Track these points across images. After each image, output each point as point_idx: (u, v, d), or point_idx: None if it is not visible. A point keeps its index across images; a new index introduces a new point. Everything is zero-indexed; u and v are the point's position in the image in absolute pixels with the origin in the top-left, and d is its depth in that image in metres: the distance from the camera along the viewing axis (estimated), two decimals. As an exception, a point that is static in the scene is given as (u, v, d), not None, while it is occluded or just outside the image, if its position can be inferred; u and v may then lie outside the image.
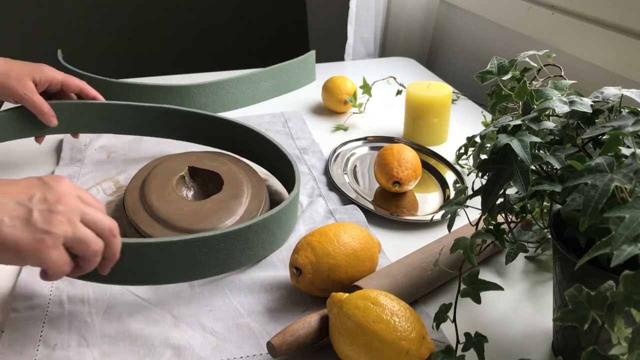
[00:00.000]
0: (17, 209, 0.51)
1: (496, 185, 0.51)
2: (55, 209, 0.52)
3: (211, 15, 2.56)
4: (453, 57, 1.46)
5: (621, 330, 0.39)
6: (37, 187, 0.53)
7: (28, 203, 0.51)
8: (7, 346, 0.58)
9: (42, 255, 0.51)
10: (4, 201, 0.51)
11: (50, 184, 0.54)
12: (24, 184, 0.53)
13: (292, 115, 1.10)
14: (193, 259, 0.63)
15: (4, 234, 0.49)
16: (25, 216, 0.51)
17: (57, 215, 0.52)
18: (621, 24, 0.90)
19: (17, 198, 0.51)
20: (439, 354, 0.52)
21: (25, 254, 0.50)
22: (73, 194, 0.55)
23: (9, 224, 0.50)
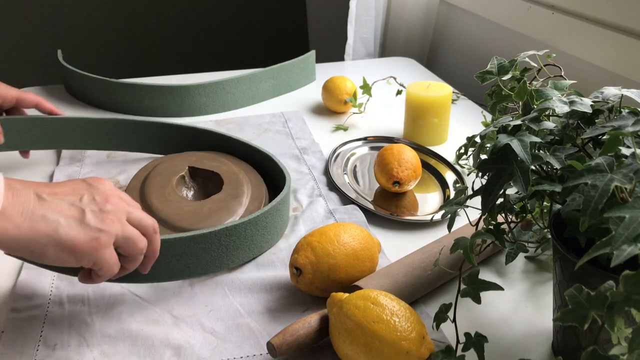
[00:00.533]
0: (70, 209, 0.52)
1: (496, 185, 0.51)
2: (105, 208, 0.53)
3: (211, 15, 2.56)
4: (453, 57, 1.46)
5: (621, 330, 0.39)
6: (83, 189, 0.54)
7: (79, 204, 0.53)
8: (7, 346, 0.58)
9: (98, 254, 0.52)
10: (56, 202, 0.51)
11: (94, 185, 0.55)
12: (70, 186, 0.54)
13: (292, 115, 1.10)
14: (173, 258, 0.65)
15: (60, 234, 0.50)
16: (79, 216, 0.52)
17: (108, 215, 0.53)
18: (621, 24, 0.90)
19: (68, 199, 0.52)
20: (439, 354, 0.52)
21: (81, 253, 0.51)
22: (116, 194, 0.56)
23: (65, 224, 0.51)
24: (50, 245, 0.50)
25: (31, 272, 0.68)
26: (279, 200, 0.72)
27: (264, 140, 1.00)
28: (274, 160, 0.81)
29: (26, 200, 0.50)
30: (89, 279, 0.56)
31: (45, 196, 0.52)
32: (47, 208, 0.51)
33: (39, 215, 0.50)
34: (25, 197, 0.50)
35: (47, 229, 0.50)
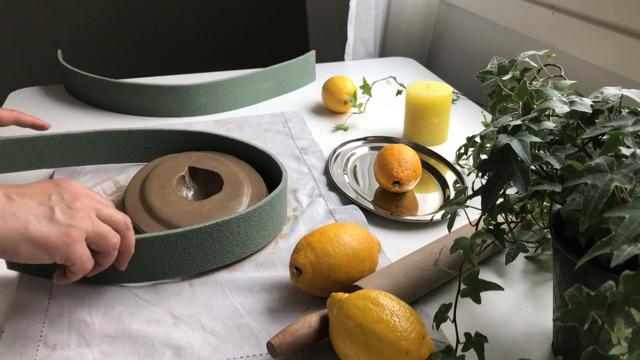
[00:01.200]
0: (39, 207, 0.53)
1: (496, 185, 0.51)
2: (74, 206, 0.55)
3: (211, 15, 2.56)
4: (453, 57, 1.46)
5: (621, 330, 0.39)
6: (51, 189, 0.56)
7: (48, 202, 0.54)
8: (7, 346, 0.58)
9: (69, 249, 0.54)
10: (25, 201, 0.53)
11: (62, 185, 0.57)
12: (38, 187, 0.56)
13: (292, 115, 1.10)
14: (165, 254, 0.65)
15: (30, 231, 0.52)
16: (49, 214, 0.53)
17: (77, 212, 0.55)
18: (621, 24, 0.90)
19: (36, 198, 0.54)
20: (439, 354, 0.52)
21: (53, 249, 0.53)
22: (84, 193, 0.58)
23: (35, 221, 0.52)
24: (23, 242, 0.52)
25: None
26: (273, 196, 0.72)
27: (264, 140, 1.00)
28: (273, 159, 0.82)
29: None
30: (63, 278, 0.57)
31: (15, 196, 0.53)
32: (16, 207, 0.52)
33: (9, 214, 0.52)
34: None
35: (18, 226, 0.51)
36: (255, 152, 0.85)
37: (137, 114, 1.11)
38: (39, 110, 1.14)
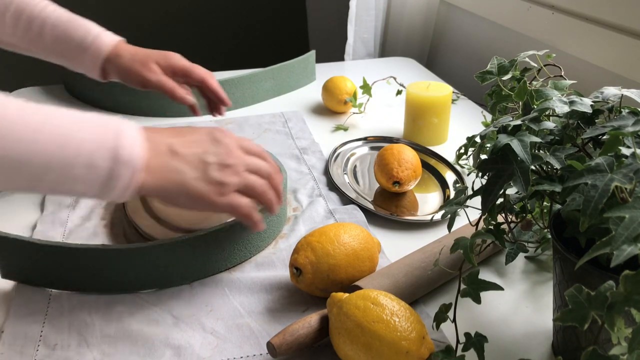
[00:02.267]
0: (196, 161, 0.58)
1: (496, 185, 0.51)
2: (226, 162, 0.59)
3: (211, 15, 2.56)
4: (453, 57, 1.46)
5: (621, 330, 0.39)
6: (208, 142, 0.60)
7: (204, 156, 0.58)
8: (7, 346, 0.58)
9: (219, 202, 0.59)
10: (185, 155, 0.58)
11: (218, 138, 0.61)
12: (197, 137, 0.60)
13: (292, 115, 1.10)
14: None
15: (187, 186, 0.57)
16: (204, 170, 0.58)
17: (228, 168, 0.59)
18: (621, 24, 0.90)
19: (195, 152, 0.58)
20: (439, 354, 0.52)
21: (208, 202, 0.58)
22: (237, 145, 0.61)
23: (191, 176, 0.57)
24: (181, 194, 0.57)
25: (31, 272, 0.68)
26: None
27: (264, 140, 1.00)
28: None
29: (162, 152, 0.56)
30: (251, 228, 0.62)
31: (178, 148, 0.58)
32: (178, 161, 0.57)
33: (172, 167, 0.56)
34: (162, 149, 0.57)
35: (177, 178, 0.56)
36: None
37: (137, 114, 1.11)
38: (39, 110, 1.14)
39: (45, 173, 0.50)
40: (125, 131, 0.53)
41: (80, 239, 0.74)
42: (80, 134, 0.51)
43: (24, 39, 0.80)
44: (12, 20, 0.79)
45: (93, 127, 0.52)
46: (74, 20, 0.80)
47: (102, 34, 0.81)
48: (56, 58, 0.82)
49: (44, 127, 0.50)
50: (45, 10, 0.80)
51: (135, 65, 0.80)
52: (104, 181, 0.52)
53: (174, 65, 0.82)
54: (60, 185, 0.51)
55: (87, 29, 0.80)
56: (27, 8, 0.79)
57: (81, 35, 0.79)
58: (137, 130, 0.55)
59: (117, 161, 0.52)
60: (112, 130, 0.53)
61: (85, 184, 0.52)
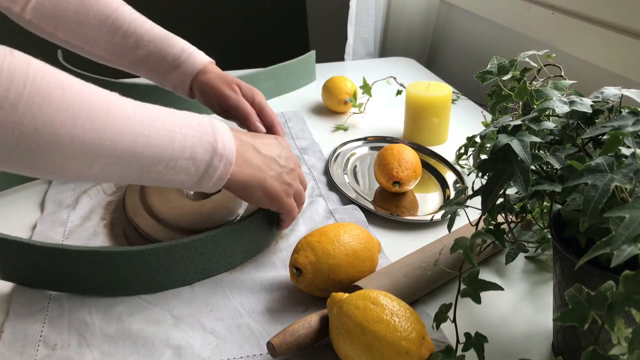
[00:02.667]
0: (274, 163, 0.66)
1: (496, 185, 0.51)
2: (291, 166, 0.68)
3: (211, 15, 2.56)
4: (453, 57, 1.46)
5: (621, 330, 0.39)
6: (277, 146, 0.68)
7: (279, 160, 0.67)
8: (7, 346, 0.58)
9: (286, 201, 0.67)
10: (265, 156, 0.65)
11: (283, 144, 0.70)
12: (270, 142, 0.68)
13: (292, 115, 1.10)
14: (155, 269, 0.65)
15: (267, 183, 0.64)
16: (279, 171, 0.66)
17: (293, 172, 0.68)
18: (621, 24, 0.90)
19: (272, 154, 0.66)
20: (439, 354, 0.52)
21: (276, 200, 0.66)
22: (292, 154, 0.70)
23: (270, 175, 0.65)
24: (259, 189, 0.64)
25: (31, 272, 0.68)
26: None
27: (264, 140, 1.00)
28: None
29: (247, 149, 0.63)
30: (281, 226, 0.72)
31: (259, 148, 0.65)
32: (261, 159, 0.64)
33: (256, 165, 0.64)
34: (247, 147, 0.64)
35: (260, 175, 0.64)
36: None
37: (137, 114, 1.11)
38: (39, 110, 1.14)
39: (155, 164, 0.55)
40: (218, 128, 0.60)
41: (80, 239, 0.74)
42: (184, 129, 0.57)
43: (116, 53, 0.82)
44: (108, 35, 0.81)
45: (193, 124, 0.58)
46: (169, 38, 0.83)
47: (195, 52, 0.84)
48: (147, 73, 0.84)
49: (154, 122, 0.55)
50: (143, 26, 0.82)
51: (219, 82, 0.81)
52: (203, 172, 0.58)
53: (254, 97, 0.82)
54: (165, 176, 0.57)
55: (182, 47, 0.83)
56: (125, 23, 0.82)
57: (176, 52, 0.82)
58: (227, 128, 0.61)
59: (215, 154, 0.59)
60: (208, 126, 0.59)
61: (188, 174, 0.58)
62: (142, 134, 0.54)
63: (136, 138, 0.53)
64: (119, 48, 0.82)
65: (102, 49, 0.82)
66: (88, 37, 0.82)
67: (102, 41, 0.82)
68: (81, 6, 0.81)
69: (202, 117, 0.60)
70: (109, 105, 0.53)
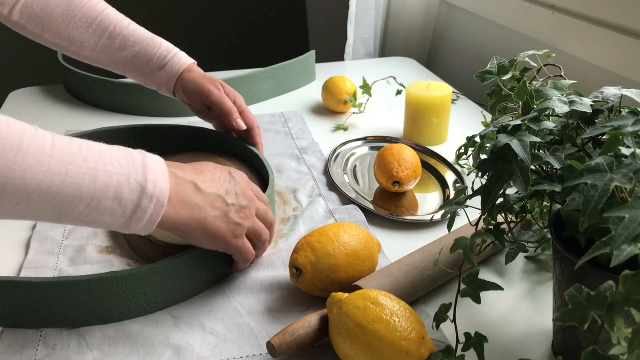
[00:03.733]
0: (218, 201, 0.60)
1: (496, 185, 0.51)
2: (243, 203, 0.62)
3: (211, 15, 2.56)
4: (453, 57, 1.46)
5: (621, 330, 0.39)
6: (228, 182, 0.62)
7: (225, 197, 0.61)
8: (7, 346, 0.58)
9: (233, 243, 0.62)
10: (210, 193, 0.60)
11: (236, 178, 0.63)
12: (218, 176, 0.62)
13: (292, 115, 1.10)
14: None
15: (208, 223, 0.59)
16: (224, 210, 0.60)
17: (244, 210, 0.62)
18: (621, 24, 0.90)
19: (217, 191, 0.60)
20: (439, 354, 0.52)
21: (220, 241, 0.61)
22: (249, 189, 0.65)
23: (213, 215, 0.59)
24: (199, 230, 0.59)
25: (31, 272, 0.68)
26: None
27: (264, 140, 1.00)
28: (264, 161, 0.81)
29: (186, 188, 0.58)
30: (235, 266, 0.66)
31: (201, 185, 0.59)
32: (202, 198, 0.59)
33: (195, 204, 0.58)
34: (186, 186, 0.58)
35: (199, 216, 0.58)
36: (251, 153, 0.85)
37: (137, 114, 1.11)
38: (39, 110, 1.14)
39: (74, 204, 0.51)
40: (151, 166, 0.55)
41: (80, 239, 0.74)
42: (110, 167, 0.52)
43: (103, 54, 0.85)
44: (95, 37, 0.84)
45: (121, 161, 0.53)
46: (154, 39, 0.86)
47: (180, 53, 0.86)
48: (134, 74, 0.86)
49: (74, 159, 0.50)
50: (128, 28, 0.85)
51: (203, 80, 0.84)
52: (131, 214, 0.53)
53: (236, 99, 0.85)
54: (87, 217, 0.52)
55: (167, 48, 0.86)
56: (111, 25, 0.84)
57: (162, 53, 0.84)
58: (163, 165, 0.56)
59: (144, 194, 0.54)
60: (139, 164, 0.54)
61: (113, 217, 0.53)
62: (59, 172, 0.49)
63: (51, 176, 0.49)
64: (106, 49, 0.84)
65: (88, 50, 0.84)
66: (75, 39, 0.83)
67: (89, 42, 0.84)
68: (68, 9, 0.83)
69: (135, 154, 0.55)
70: (22, 140, 0.48)
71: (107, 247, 0.72)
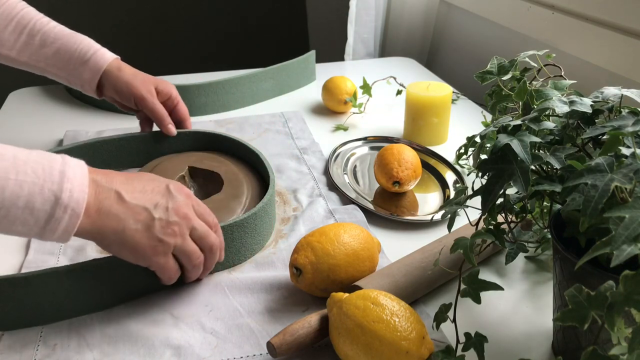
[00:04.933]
0: (142, 213, 0.57)
1: (496, 185, 0.51)
2: (172, 219, 0.58)
3: (211, 15, 2.56)
4: (453, 57, 1.46)
5: (621, 330, 0.39)
6: (161, 195, 0.59)
7: (152, 210, 0.57)
8: (7, 346, 0.58)
9: (153, 259, 0.58)
10: (134, 204, 0.57)
11: (172, 193, 0.60)
12: (150, 188, 0.59)
13: (292, 115, 1.10)
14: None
15: (125, 235, 0.56)
16: (148, 223, 0.57)
17: (172, 226, 0.58)
18: (621, 24, 0.90)
19: (144, 203, 0.57)
20: (439, 354, 0.52)
21: (139, 255, 0.58)
22: (189, 204, 0.60)
23: (133, 227, 0.56)
24: (116, 242, 0.56)
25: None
26: (266, 201, 0.72)
27: (264, 140, 1.00)
28: (264, 161, 0.81)
29: (107, 197, 0.56)
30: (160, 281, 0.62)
31: (126, 196, 0.57)
32: (123, 209, 0.56)
33: (114, 214, 0.55)
34: (107, 195, 0.56)
35: (117, 227, 0.56)
36: (252, 153, 0.85)
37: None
38: (39, 110, 1.14)
39: None
40: (69, 174, 0.53)
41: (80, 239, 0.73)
42: (22, 176, 0.51)
43: (24, 52, 0.84)
44: (14, 35, 0.83)
45: (37, 169, 0.52)
46: (75, 35, 0.84)
47: (102, 49, 0.85)
48: (56, 71, 0.85)
49: None
50: (48, 25, 0.84)
51: (136, 82, 0.83)
52: (44, 224, 0.52)
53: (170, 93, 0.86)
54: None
55: (88, 43, 0.84)
56: (30, 23, 0.83)
57: (83, 48, 0.83)
58: (84, 173, 0.54)
59: (58, 205, 0.52)
60: (57, 172, 0.52)
61: (25, 226, 0.52)
62: None
63: None
64: (26, 47, 0.83)
65: (7, 49, 0.84)
66: None
67: (7, 41, 0.83)
68: None
69: (55, 161, 0.53)
70: None
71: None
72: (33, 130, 1.04)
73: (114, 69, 0.84)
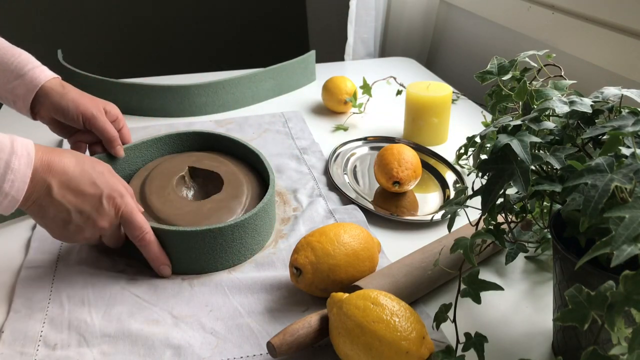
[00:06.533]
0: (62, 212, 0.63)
1: (496, 185, 0.51)
2: (86, 226, 0.64)
3: (211, 15, 2.56)
4: (453, 57, 1.46)
5: (621, 330, 0.39)
6: (91, 206, 0.64)
7: (73, 214, 0.63)
8: (7, 346, 0.58)
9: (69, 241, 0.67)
10: (58, 202, 0.62)
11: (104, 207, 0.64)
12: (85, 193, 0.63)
13: (292, 115, 1.10)
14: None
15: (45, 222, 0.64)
16: (65, 220, 0.63)
17: (84, 233, 0.65)
18: (621, 24, 0.90)
19: (69, 205, 0.63)
20: (439, 354, 0.52)
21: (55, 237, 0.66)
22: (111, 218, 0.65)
23: (50, 217, 0.63)
24: (40, 223, 0.64)
25: (31, 272, 0.68)
26: (266, 202, 0.72)
27: (264, 140, 1.00)
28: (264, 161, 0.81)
29: (39, 190, 0.61)
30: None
31: (54, 190, 0.61)
32: (47, 202, 0.62)
33: (38, 204, 0.62)
34: (39, 188, 0.61)
35: (38, 213, 0.63)
36: (252, 153, 0.85)
37: (137, 114, 1.11)
38: (39, 110, 1.14)
39: None
40: (14, 164, 0.58)
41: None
42: None
43: None
44: None
45: None
46: (14, 48, 0.80)
47: (42, 66, 0.80)
48: None
49: None
50: None
51: (85, 100, 0.78)
52: None
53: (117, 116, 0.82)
54: None
55: (27, 57, 0.79)
56: None
57: (21, 62, 0.78)
58: (29, 162, 0.60)
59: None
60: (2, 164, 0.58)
61: None
62: None
63: None
64: None
65: None
66: None
67: None
68: None
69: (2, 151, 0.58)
70: None
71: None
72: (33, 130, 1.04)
73: (57, 87, 0.78)
